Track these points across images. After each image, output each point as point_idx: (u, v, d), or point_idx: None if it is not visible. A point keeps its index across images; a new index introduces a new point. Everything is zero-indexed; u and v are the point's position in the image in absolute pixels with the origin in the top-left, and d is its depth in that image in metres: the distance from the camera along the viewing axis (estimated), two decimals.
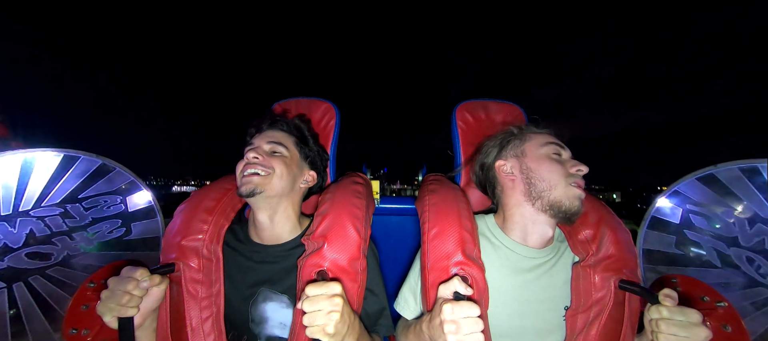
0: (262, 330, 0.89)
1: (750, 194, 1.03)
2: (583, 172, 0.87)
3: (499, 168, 0.95)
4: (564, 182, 0.85)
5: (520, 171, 0.91)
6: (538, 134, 0.94)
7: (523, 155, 0.91)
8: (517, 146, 0.94)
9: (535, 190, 0.87)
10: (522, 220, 0.90)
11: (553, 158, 0.88)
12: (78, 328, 0.80)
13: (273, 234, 0.95)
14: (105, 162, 1.17)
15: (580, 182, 0.86)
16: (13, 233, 1.04)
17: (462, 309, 0.64)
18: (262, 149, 0.94)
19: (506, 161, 0.94)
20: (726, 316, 0.76)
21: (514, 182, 0.91)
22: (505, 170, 0.94)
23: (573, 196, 0.84)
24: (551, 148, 0.90)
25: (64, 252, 1.09)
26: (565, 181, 0.85)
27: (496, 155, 0.97)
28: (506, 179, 0.93)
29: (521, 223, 0.90)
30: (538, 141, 0.92)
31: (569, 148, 0.93)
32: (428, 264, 0.81)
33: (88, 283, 0.84)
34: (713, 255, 1.06)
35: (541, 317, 0.85)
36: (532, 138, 0.93)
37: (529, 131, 0.96)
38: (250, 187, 0.88)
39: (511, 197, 0.92)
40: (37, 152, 1.10)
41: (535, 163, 0.88)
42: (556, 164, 0.87)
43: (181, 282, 0.84)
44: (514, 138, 0.96)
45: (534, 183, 0.87)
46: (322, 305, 0.68)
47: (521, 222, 0.90)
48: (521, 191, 0.90)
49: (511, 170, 0.93)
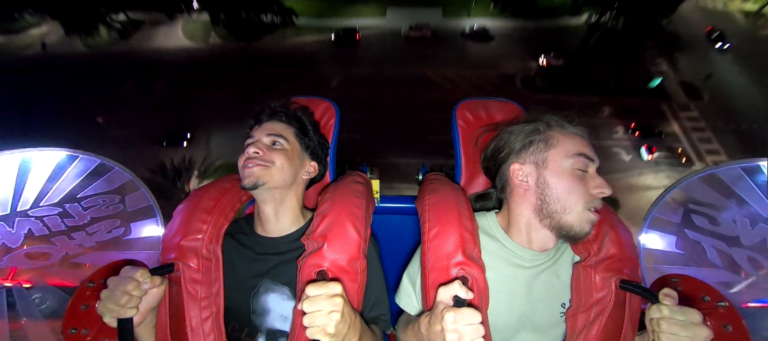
0: (263, 322, 0.89)
1: (751, 194, 1.03)
2: (606, 194, 0.79)
3: (513, 172, 0.86)
4: (582, 206, 0.78)
5: (535, 183, 0.83)
6: (567, 139, 0.83)
7: (544, 166, 0.82)
8: (540, 150, 0.84)
9: (546, 209, 0.81)
10: (527, 228, 0.87)
11: (577, 174, 0.80)
12: (77, 328, 0.79)
13: (277, 226, 0.96)
14: (104, 161, 1.17)
15: (598, 205, 0.80)
16: (11, 233, 1.04)
17: (464, 317, 0.64)
18: (262, 142, 0.93)
19: (523, 165, 0.85)
20: (727, 316, 0.76)
21: (527, 192, 0.85)
22: (519, 177, 0.85)
23: (586, 221, 0.79)
24: (578, 161, 0.81)
25: (63, 252, 1.09)
26: (583, 205, 0.78)
27: (515, 153, 0.87)
28: (519, 186, 0.86)
29: (526, 230, 0.87)
30: (564, 150, 0.82)
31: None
32: (428, 264, 0.81)
33: (88, 283, 0.84)
34: (714, 255, 1.06)
35: (539, 314, 0.85)
36: (559, 144, 0.83)
37: (558, 130, 0.85)
38: (252, 180, 0.88)
39: (520, 205, 0.86)
40: (36, 151, 1.10)
41: (556, 178, 0.80)
42: (578, 183, 0.79)
43: (181, 282, 0.84)
44: (538, 139, 0.85)
45: (547, 202, 0.81)
46: (323, 305, 0.67)
47: (526, 230, 0.87)
48: (531, 204, 0.84)
49: (525, 178, 0.84)
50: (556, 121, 0.87)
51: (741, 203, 1.04)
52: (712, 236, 1.06)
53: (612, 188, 0.80)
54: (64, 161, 1.12)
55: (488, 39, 18.66)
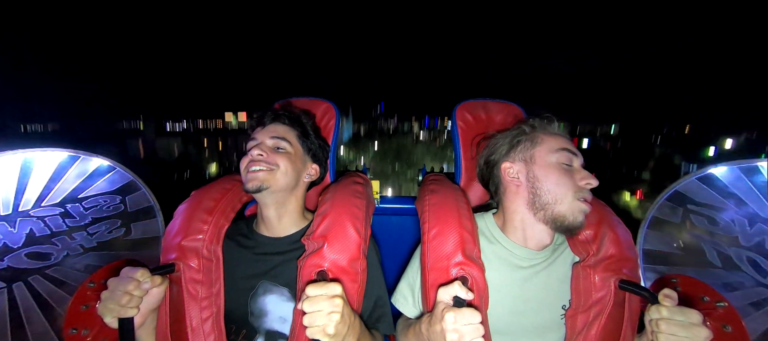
0: (262, 323, 0.89)
1: (750, 194, 1.03)
2: (593, 186, 0.83)
3: (504, 170, 0.91)
4: (571, 196, 0.82)
5: (526, 178, 0.87)
6: (550, 138, 0.89)
7: (532, 161, 0.87)
8: (527, 148, 0.89)
9: (539, 201, 0.85)
10: (522, 225, 0.89)
11: (563, 167, 0.85)
12: (78, 328, 0.80)
13: (279, 228, 0.96)
14: (105, 162, 1.17)
15: (587, 196, 0.84)
16: (12, 233, 1.04)
17: (464, 317, 0.64)
18: (266, 144, 0.94)
19: (513, 163, 0.90)
20: (726, 316, 0.76)
21: (519, 188, 0.88)
22: (510, 174, 0.90)
23: (578, 210, 0.82)
24: (563, 155, 0.85)
25: (64, 252, 1.09)
26: (572, 195, 0.82)
27: (504, 154, 0.93)
28: (511, 183, 0.90)
29: (521, 227, 0.89)
30: (549, 146, 0.87)
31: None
32: (428, 264, 0.81)
33: (88, 283, 0.84)
34: (713, 255, 1.06)
35: (539, 315, 0.85)
36: (544, 142, 0.88)
37: (542, 130, 0.91)
38: (256, 183, 0.89)
39: (513, 202, 0.89)
40: (37, 151, 1.10)
41: (544, 171, 0.85)
42: (565, 175, 0.83)
43: (181, 283, 0.84)
44: (524, 139, 0.91)
45: (539, 194, 0.84)
46: (323, 305, 0.68)
47: (521, 226, 0.89)
48: (524, 199, 0.87)
49: (516, 175, 0.89)
50: (538, 123, 0.93)
51: (740, 203, 1.04)
52: (711, 236, 1.06)
53: (597, 180, 0.84)
54: (66, 162, 1.13)
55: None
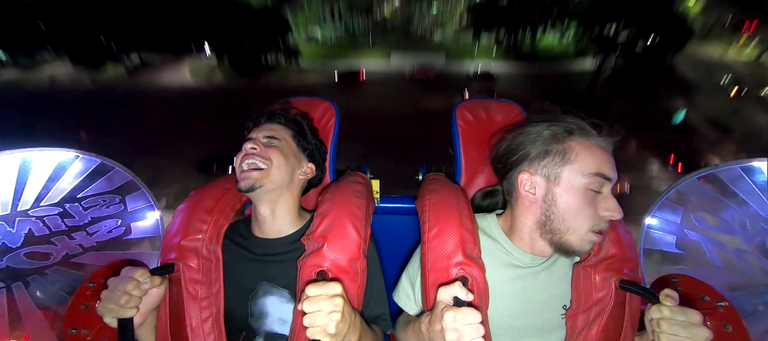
0: (262, 325, 0.89)
1: (751, 194, 1.03)
2: (616, 218, 0.77)
3: (521, 182, 0.83)
4: (587, 228, 0.76)
5: (543, 197, 0.80)
6: (587, 155, 0.77)
7: (556, 182, 0.78)
8: (555, 163, 0.79)
9: (549, 225, 0.80)
10: (530, 237, 0.86)
11: (590, 194, 0.76)
12: (77, 328, 0.80)
13: (274, 228, 0.96)
14: (104, 161, 1.17)
15: (604, 227, 0.78)
16: (11, 233, 1.04)
17: (464, 316, 0.64)
18: (259, 140, 0.94)
19: (533, 176, 0.81)
20: (727, 316, 0.76)
21: (533, 204, 0.82)
22: (526, 187, 0.82)
23: (587, 242, 0.77)
24: (594, 182, 0.76)
25: (63, 252, 1.09)
26: (588, 228, 0.76)
27: (526, 161, 0.82)
28: (525, 196, 0.83)
29: (529, 239, 0.86)
30: (581, 167, 0.76)
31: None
32: (428, 264, 0.81)
33: (88, 283, 0.84)
34: (714, 255, 1.06)
35: (540, 316, 0.85)
36: (577, 159, 0.77)
37: (580, 140, 0.78)
38: (249, 182, 0.89)
39: (523, 215, 0.85)
40: (36, 151, 1.10)
41: (565, 197, 0.77)
42: (588, 206, 0.76)
43: (181, 283, 0.84)
44: (556, 151, 0.79)
45: (552, 219, 0.79)
46: (323, 305, 0.67)
47: (529, 238, 0.86)
48: (535, 216, 0.83)
49: (533, 190, 0.81)
50: (579, 128, 0.80)
51: (741, 203, 1.04)
52: (712, 236, 1.06)
53: (622, 212, 0.76)
54: (65, 161, 1.12)
55: (492, 81, 19.48)
